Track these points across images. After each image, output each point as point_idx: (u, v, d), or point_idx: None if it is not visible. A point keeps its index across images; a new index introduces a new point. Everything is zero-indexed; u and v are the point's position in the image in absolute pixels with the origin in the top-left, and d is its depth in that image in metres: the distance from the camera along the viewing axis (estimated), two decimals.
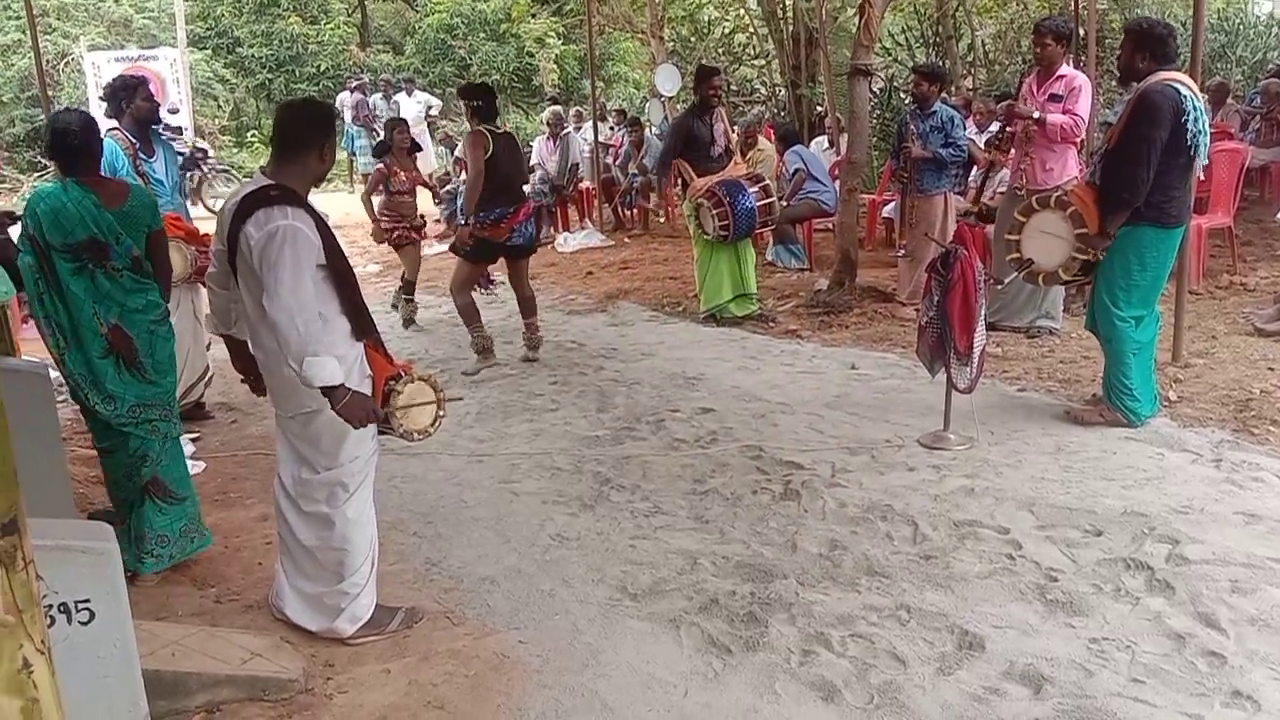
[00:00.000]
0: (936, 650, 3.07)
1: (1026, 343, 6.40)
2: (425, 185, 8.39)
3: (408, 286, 8.07)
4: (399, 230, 7.80)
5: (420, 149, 8.55)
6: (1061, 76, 6.17)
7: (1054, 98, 6.12)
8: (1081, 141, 6.73)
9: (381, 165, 7.87)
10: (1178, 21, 13.64)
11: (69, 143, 3.63)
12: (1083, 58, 8.03)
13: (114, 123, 5.45)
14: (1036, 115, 6.05)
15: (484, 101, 6.33)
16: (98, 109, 13.84)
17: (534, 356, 6.66)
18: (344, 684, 3.06)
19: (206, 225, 5.32)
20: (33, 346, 7.20)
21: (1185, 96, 4.53)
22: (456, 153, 14.00)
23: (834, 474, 4.49)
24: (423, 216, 8.23)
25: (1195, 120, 4.52)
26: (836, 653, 3.08)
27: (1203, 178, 5.22)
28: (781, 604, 3.37)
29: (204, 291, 5.08)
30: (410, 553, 3.96)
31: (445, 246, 11.66)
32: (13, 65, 16.87)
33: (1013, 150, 6.55)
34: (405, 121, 8.55)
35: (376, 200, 7.87)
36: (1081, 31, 8.42)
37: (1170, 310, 5.62)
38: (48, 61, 14.89)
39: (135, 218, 3.73)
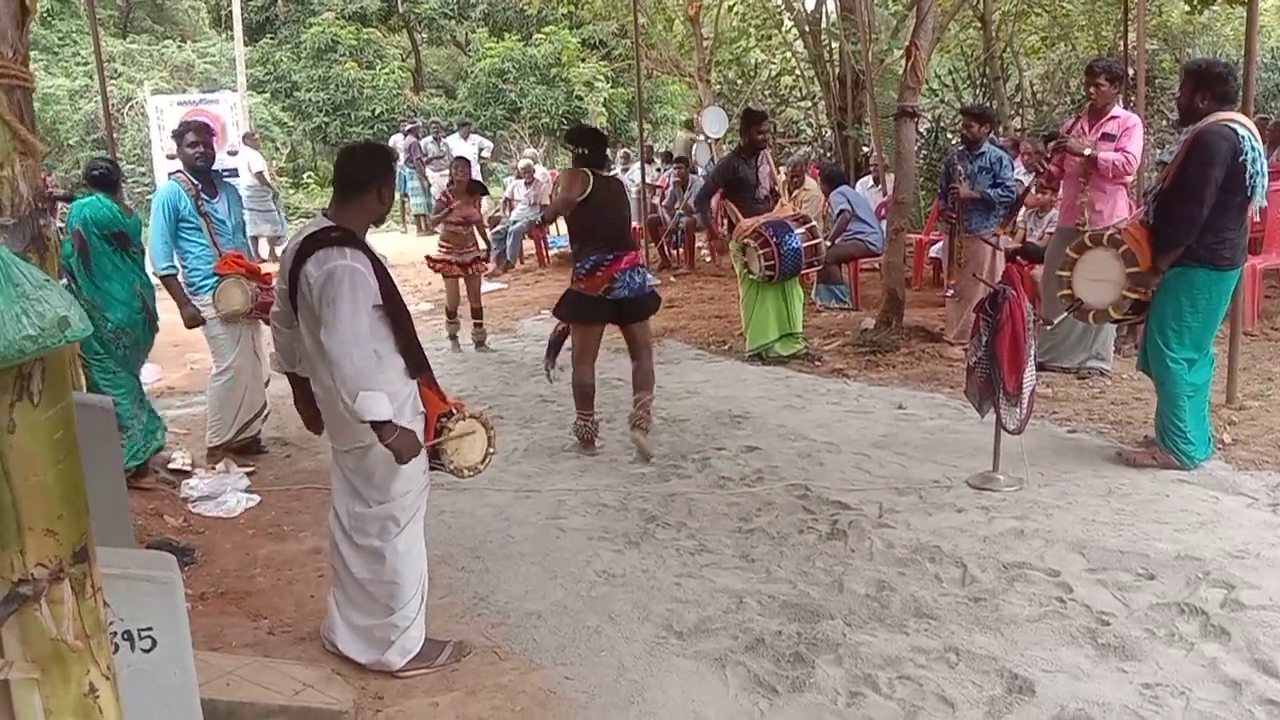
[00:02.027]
0: (985, 693, 3.04)
1: (1077, 383, 6.34)
2: (479, 226, 8.88)
3: (449, 312, 8.70)
4: (446, 261, 8.48)
5: (486, 190, 9.35)
6: (1114, 116, 6.15)
7: (1106, 136, 6.10)
8: (1133, 182, 6.69)
9: (442, 198, 8.67)
10: (1230, 60, 13.53)
11: (110, 177, 5.30)
12: (1132, 98, 8.00)
13: (178, 165, 5.67)
14: (1088, 152, 6.03)
15: (591, 149, 5.62)
16: (160, 151, 14.28)
17: (641, 439, 5.46)
18: (393, 716, 3.10)
19: None
20: None
21: (1243, 137, 4.51)
22: (506, 194, 14.23)
23: (881, 514, 4.47)
24: (481, 252, 8.80)
25: (1254, 161, 4.49)
26: (884, 695, 3.06)
27: (1257, 219, 5.17)
28: (828, 645, 3.35)
29: (264, 328, 5.22)
30: (458, 587, 4.00)
31: (494, 286, 11.86)
32: (80, 109, 17.43)
33: (1061, 189, 6.53)
34: (468, 160, 9.35)
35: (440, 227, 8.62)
36: (1131, 72, 8.38)
37: (1225, 352, 5.54)
38: (113, 106, 15.38)
39: (136, 227, 5.32)
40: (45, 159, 15.94)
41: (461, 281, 8.61)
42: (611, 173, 5.88)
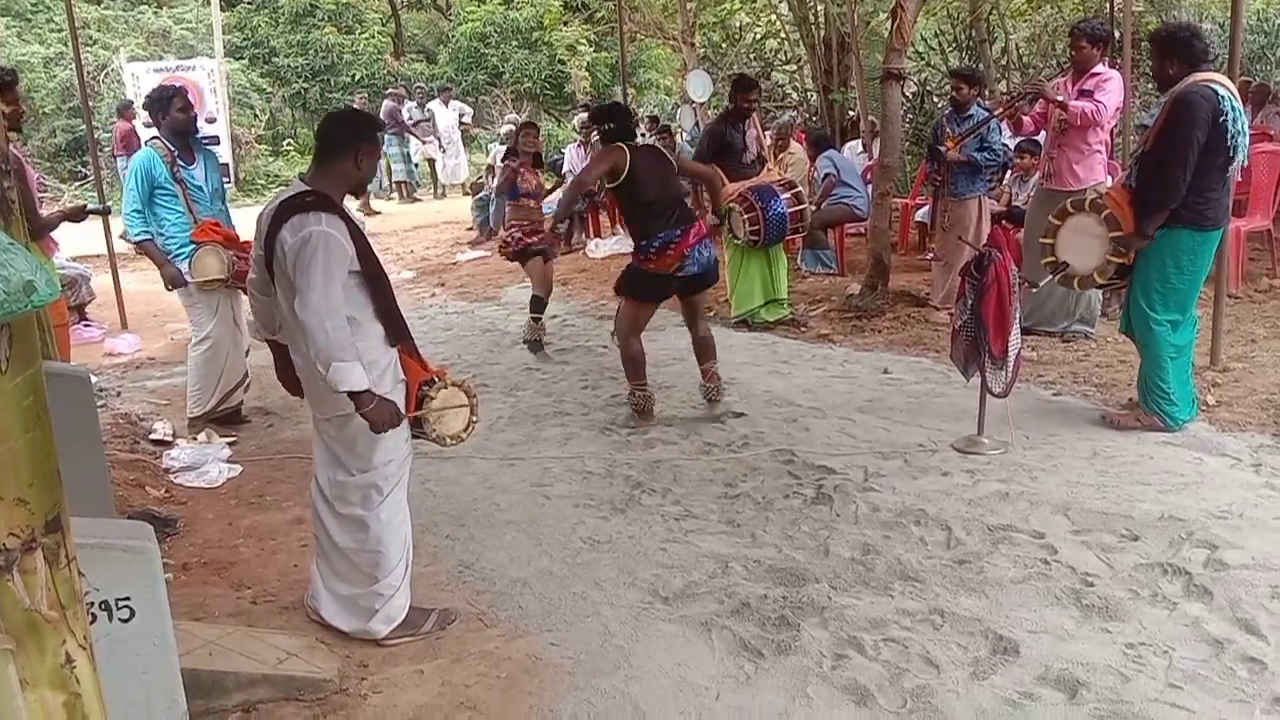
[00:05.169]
0: (970, 655, 3.05)
1: (1062, 346, 6.35)
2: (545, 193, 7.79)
3: (535, 303, 7.18)
4: (525, 240, 7.13)
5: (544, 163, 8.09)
6: (1095, 74, 6.16)
7: (1084, 93, 6.11)
8: (1114, 145, 6.68)
9: (511, 168, 7.28)
10: (1215, 23, 13.51)
11: None
12: (1118, 60, 7.96)
13: (154, 131, 5.57)
14: (1060, 98, 6.10)
15: (616, 123, 5.41)
16: (137, 119, 14.09)
17: (717, 412, 5.51)
18: (378, 684, 3.09)
19: None
20: (86, 350, 7.35)
21: (1223, 97, 4.48)
22: (488, 160, 14.10)
23: (866, 478, 4.47)
24: (553, 230, 7.61)
25: (1234, 121, 4.47)
26: (869, 657, 3.07)
27: (1239, 179, 5.16)
28: (813, 608, 3.36)
29: (243, 297, 5.17)
30: (443, 555, 3.99)
31: (476, 254, 11.79)
32: (55, 76, 17.15)
33: (1044, 142, 6.54)
34: (535, 125, 8.08)
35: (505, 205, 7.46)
36: (1116, 34, 8.34)
37: (1208, 314, 5.55)
38: (88, 73, 15.13)
39: None
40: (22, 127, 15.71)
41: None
42: (645, 140, 5.43)
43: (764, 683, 2.98)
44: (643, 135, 13.65)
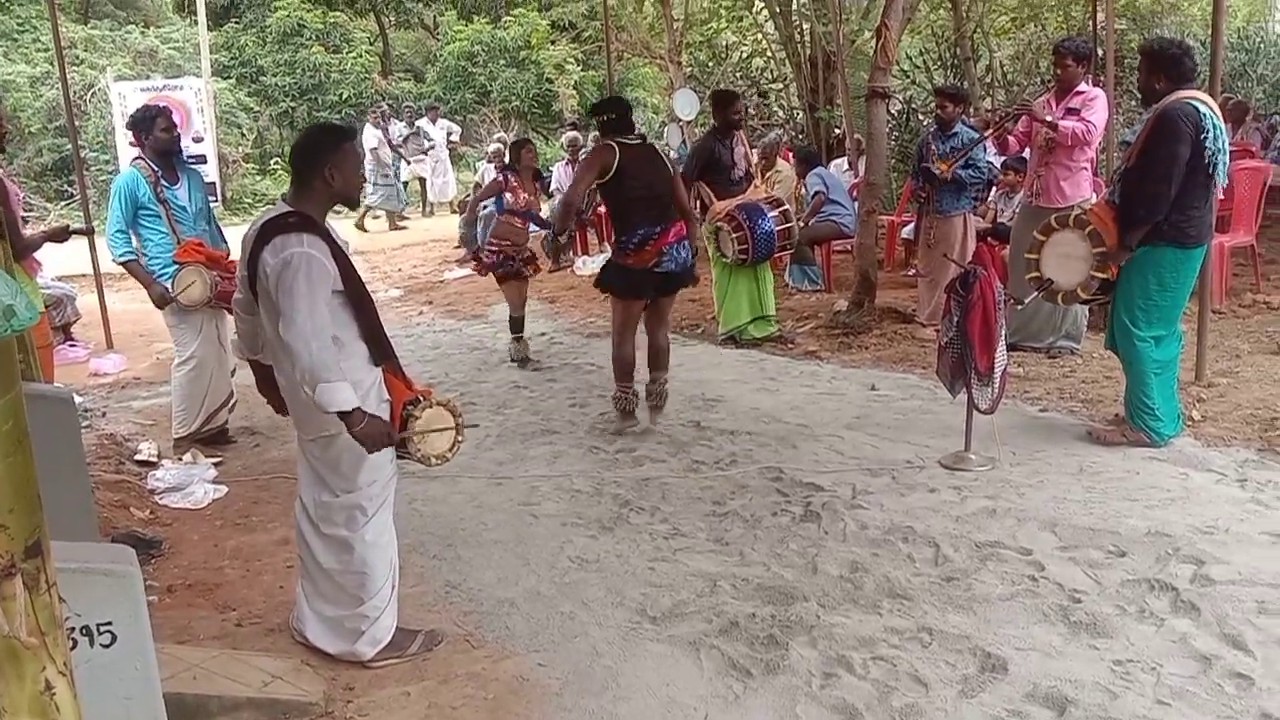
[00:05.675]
0: (959, 672, 3.04)
1: (1048, 363, 6.37)
2: (537, 218, 7.43)
3: (514, 323, 7.36)
4: (506, 260, 7.16)
5: (542, 177, 8.05)
6: (1079, 92, 6.21)
7: (1071, 112, 6.16)
8: (1098, 161, 6.72)
9: (499, 178, 7.29)
10: (1196, 40, 13.64)
11: None
12: (1101, 78, 8.02)
13: (139, 151, 5.56)
14: (1049, 118, 6.15)
15: (615, 114, 5.50)
16: (123, 138, 14.09)
17: (655, 420, 5.63)
18: (364, 707, 3.06)
19: None
20: (71, 370, 7.31)
21: (1205, 115, 4.52)
22: (476, 178, 14.11)
23: (854, 495, 4.47)
24: (532, 251, 7.50)
25: (1214, 139, 4.51)
26: (858, 675, 3.06)
27: (1222, 196, 5.20)
28: (802, 626, 3.35)
29: (228, 317, 5.16)
30: (430, 575, 3.96)
31: (464, 272, 11.78)
32: (41, 96, 17.12)
33: (1029, 160, 6.58)
34: (531, 142, 7.97)
35: (484, 218, 7.29)
36: (1100, 52, 8.41)
37: (1193, 329, 5.58)
38: (75, 92, 15.12)
39: None
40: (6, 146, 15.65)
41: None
42: (641, 138, 5.54)
43: (753, 702, 2.97)
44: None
